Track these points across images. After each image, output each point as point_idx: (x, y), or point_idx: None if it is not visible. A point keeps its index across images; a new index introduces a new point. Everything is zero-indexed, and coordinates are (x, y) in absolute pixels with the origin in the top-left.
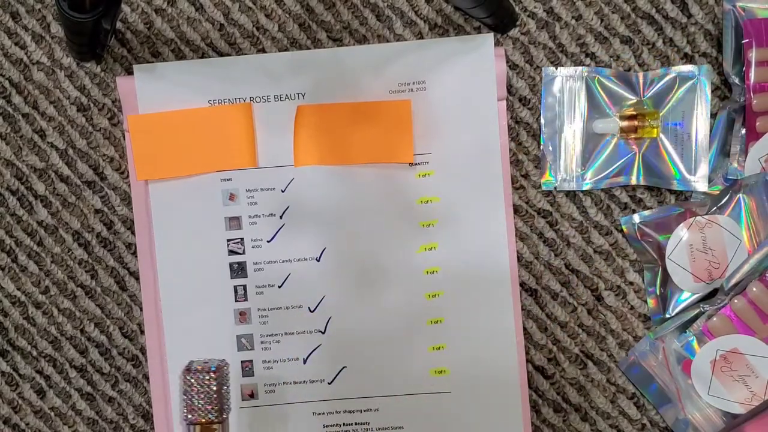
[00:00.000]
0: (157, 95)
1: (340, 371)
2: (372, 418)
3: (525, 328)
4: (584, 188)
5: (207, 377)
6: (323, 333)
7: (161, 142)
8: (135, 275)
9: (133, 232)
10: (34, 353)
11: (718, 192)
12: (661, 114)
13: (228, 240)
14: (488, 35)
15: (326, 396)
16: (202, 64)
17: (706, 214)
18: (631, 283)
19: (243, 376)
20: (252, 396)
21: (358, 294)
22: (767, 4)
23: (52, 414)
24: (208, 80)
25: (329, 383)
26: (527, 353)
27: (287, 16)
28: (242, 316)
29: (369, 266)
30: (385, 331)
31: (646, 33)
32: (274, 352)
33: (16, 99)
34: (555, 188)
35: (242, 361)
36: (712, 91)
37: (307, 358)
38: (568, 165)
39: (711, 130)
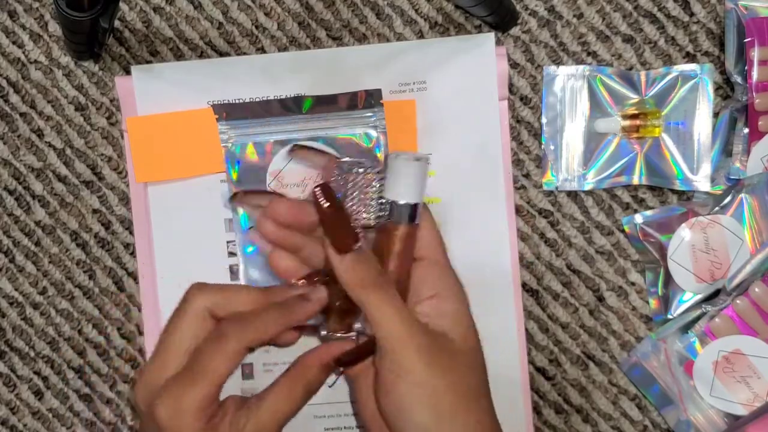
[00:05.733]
0: (155, 96)
1: (341, 374)
2: None
3: (526, 329)
4: (586, 188)
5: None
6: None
7: (160, 143)
8: (133, 276)
9: (131, 232)
10: (32, 354)
11: (720, 192)
12: (663, 113)
13: (228, 242)
14: (489, 34)
15: (327, 399)
16: (201, 64)
17: (709, 214)
18: (633, 284)
19: (243, 379)
20: None
21: None
22: None
23: (50, 415)
24: (207, 81)
25: (330, 386)
26: (528, 354)
27: (286, 14)
28: None
29: None
30: None
31: (647, 32)
32: (273, 355)
33: (14, 98)
34: (556, 188)
35: (242, 365)
36: (715, 91)
37: None
38: (569, 165)
39: (713, 130)
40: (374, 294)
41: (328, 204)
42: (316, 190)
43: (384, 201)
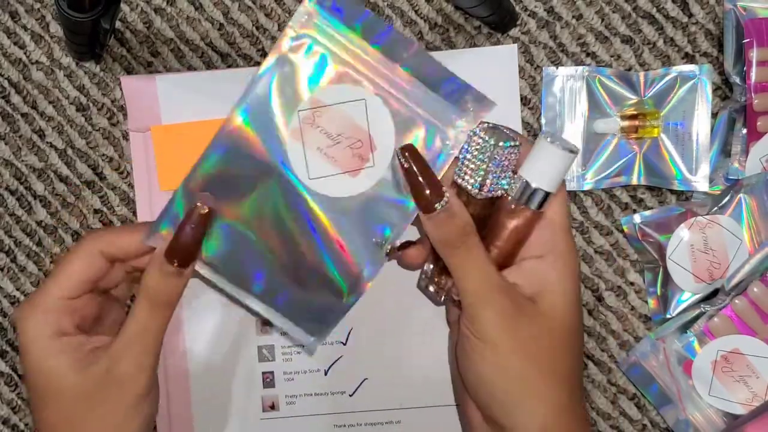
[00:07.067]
0: (179, 105)
1: (361, 383)
2: (394, 430)
3: None
4: (585, 188)
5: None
6: (344, 344)
7: (184, 152)
8: None
9: None
10: None
11: (719, 192)
12: (662, 114)
13: None
14: (513, 46)
15: (347, 408)
16: (223, 74)
17: (707, 214)
18: (632, 284)
19: (264, 387)
20: (273, 407)
21: (380, 305)
22: None
23: None
24: (229, 91)
25: (350, 395)
26: None
27: (287, 15)
28: (264, 325)
29: (391, 277)
30: (407, 342)
31: (646, 32)
32: (295, 363)
33: (15, 99)
34: None
35: (263, 372)
36: (713, 91)
37: (328, 370)
38: None
39: (712, 130)
40: (457, 252)
41: (407, 165)
42: (399, 150)
43: (517, 176)
